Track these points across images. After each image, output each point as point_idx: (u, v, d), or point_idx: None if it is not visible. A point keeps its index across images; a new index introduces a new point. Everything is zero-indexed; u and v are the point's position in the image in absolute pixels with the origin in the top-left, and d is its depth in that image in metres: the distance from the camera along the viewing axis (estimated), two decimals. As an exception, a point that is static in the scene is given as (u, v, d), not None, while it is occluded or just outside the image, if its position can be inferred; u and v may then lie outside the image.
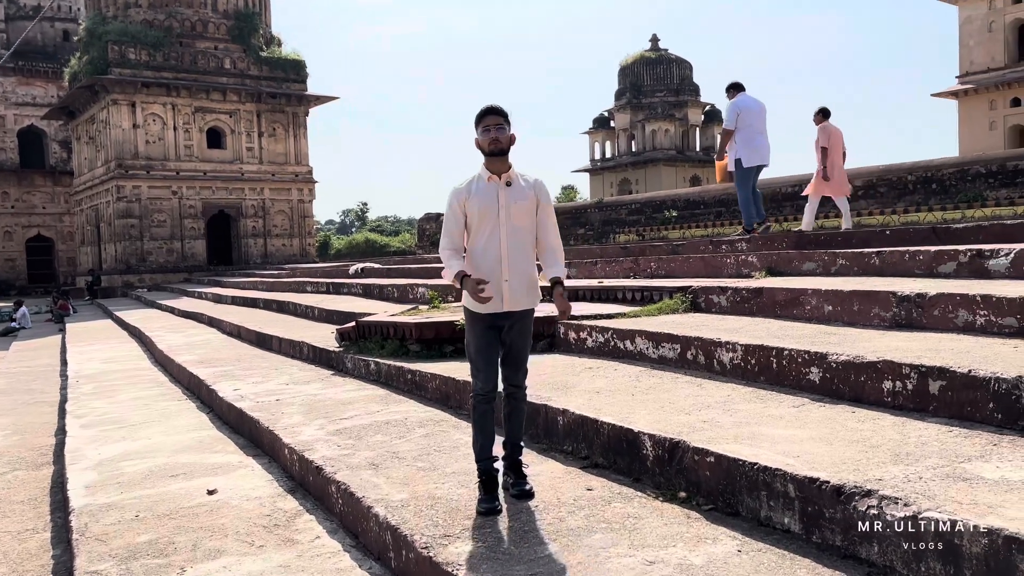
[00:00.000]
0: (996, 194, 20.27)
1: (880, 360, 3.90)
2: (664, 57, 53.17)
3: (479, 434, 3.63)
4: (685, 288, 6.94)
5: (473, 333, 3.69)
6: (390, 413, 5.59)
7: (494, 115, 3.59)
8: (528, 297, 3.67)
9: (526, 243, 3.65)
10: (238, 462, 5.34)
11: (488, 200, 3.59)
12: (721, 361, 4.89)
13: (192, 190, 31.57)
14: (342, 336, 8.09)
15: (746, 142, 9.48)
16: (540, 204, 3.67)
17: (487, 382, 3.64)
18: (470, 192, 3.62)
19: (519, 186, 3.63)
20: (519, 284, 3.61)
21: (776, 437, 3.47)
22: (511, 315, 3.63)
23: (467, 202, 3.61)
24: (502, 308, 3.60)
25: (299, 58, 33.98)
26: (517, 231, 3.61)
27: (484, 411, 3.64)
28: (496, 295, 3.56)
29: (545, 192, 3.71)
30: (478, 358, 3.66)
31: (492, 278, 3.55)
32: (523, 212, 3.61)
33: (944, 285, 5.26)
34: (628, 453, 3.79)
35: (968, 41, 35.73)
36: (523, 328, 3.70)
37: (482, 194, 3.60)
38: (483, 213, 3.58)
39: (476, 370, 3.69)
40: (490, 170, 3.62)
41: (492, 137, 3.56)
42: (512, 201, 3.59)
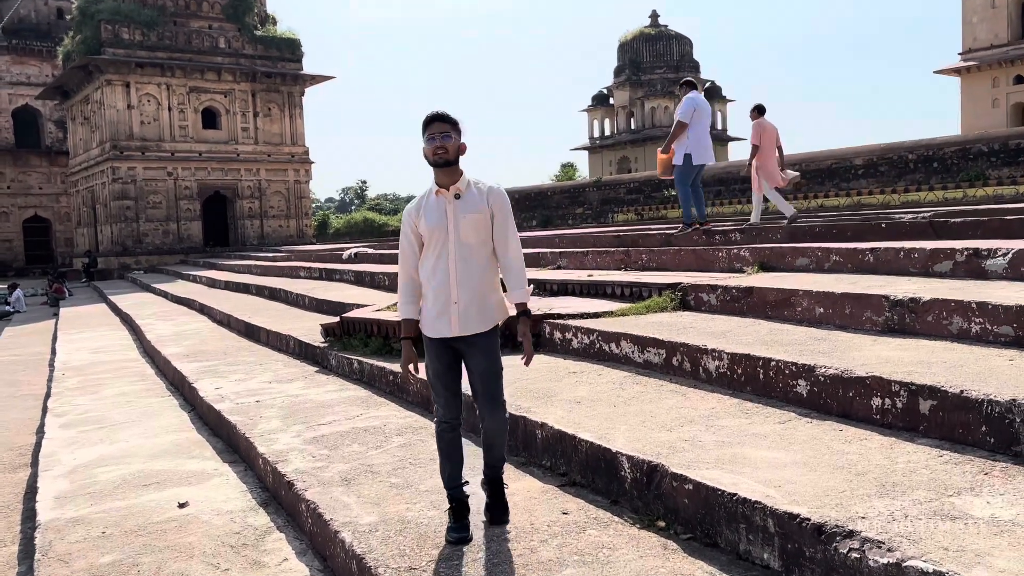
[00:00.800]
0: (998, 173, 20.05)
1: (869, 376, 3.75)
2: (664, 33, 52.63)
3: (446, 462, 3.43)
4: (675, 285, 6.78)
5: (429, 357, 3.44)
6: (369, 418, 5.46)
7: (440, 122, 3.29)
8: (482, 319, 3.36)
9: (479, 260, 3.36)
10: (213, 470, 5.21)
11: (437, 217, 3.33)
12: (707, 369, 4.74)
13: (188, 171, 31.32)
14: (327, 331, 7.95)
15: (698, 139, 9.53)
16: (495, 216, 3.36)
17: (448, 409, 3.43)
18: (419, 210, 3.38)
19: (470, 197, 3.35)
20: (471, 306, 3.33)
21: (759, 461, 3.33)
22: (466, 340, 3.36)
23: (418, 222, 3.37)
24: (450, 333, 3.34)
25: (294, 37, 33.58)
26: (467, 248, 3.33)
27: (449, 439, 3.42)
28: (444, 319, 3.34)
29: (501, 201, 3.38)
30: (436, 383, 3.44)
31: (439, 301, 3.34)
32: (472, 226, 3.32)
33: (939, 288, 5.11)
34: (606, 473, 3.66)
35: (971, 18, 35.30)
36: (485, 351, 3.39)
37: (431, 211, 3.34)
38: (432, 231, 3.32)
39: (436, 396, 3.49)
40: (438, 183, 3.36)
41: (437, 145, 3.28)
42: (461, 215, 3.31)
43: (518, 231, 3.49)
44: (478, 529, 3.37)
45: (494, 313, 3.42)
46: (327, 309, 10.81)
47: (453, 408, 3.44)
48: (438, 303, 3.34)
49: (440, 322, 3.35)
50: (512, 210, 3.45)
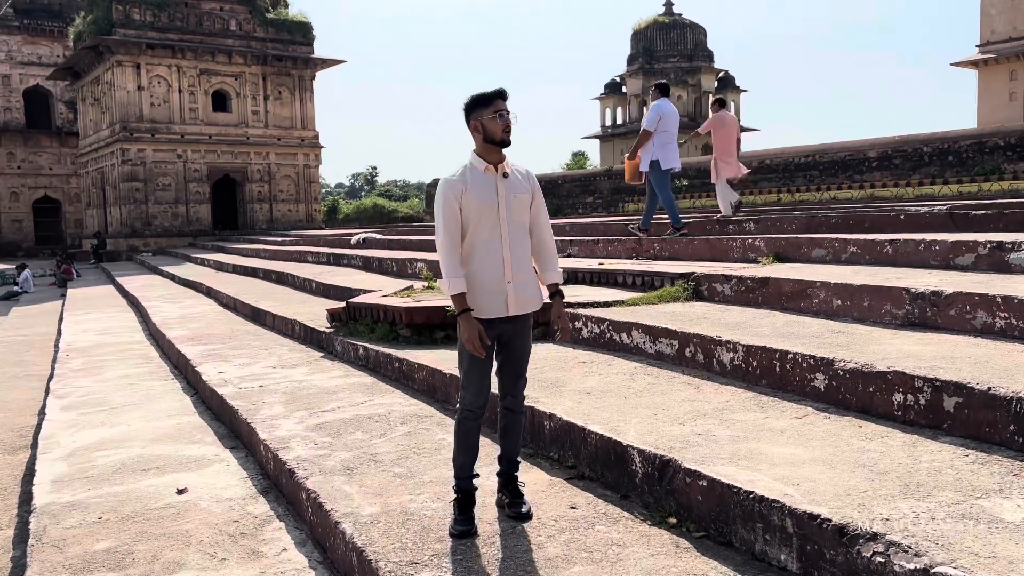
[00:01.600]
0: (1014, 167, 19.79)
1: (891, 370, 3.61)
2: (678, 22, 52.19)
3: (461, 452, 3.31)
4: (688, 274, 6.64)
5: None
6: (374, 405, 5.35)
7: (504, 99, 3.19)
8: (533, 299, 3.31)
9: (526, 240, 3.29)
10: (214, 455, 5.11)
11: (487, 193, 3.19)
12: (721, 361, 4.60)
13: (197, 154, 31.23)
14: (332, 317, 7.84)
15: (663, 145, 9.55)
16: (536, 198, 3.32)
17: (478, 396, 3.29)
18: (466, 184, 3.20)
19: (516, 177, 3.27)
20: (523, 285, 3.25)
21: (776, 457, 3.20)
22: (515, 319, 3.26)
23: (464, 195, 3.19)
24: (506, 312, 3.23)
25: (306, 20, 33.39)
26: (517, 227, 3.25)
27: (470, 428, 3.31)
28: (499, 299, 3.21)
29: (537, 184, 3.37)
30: (472, 370, 3.26)
31: (494, 280, 3.21)
32: (523, 206, 3.26)
33: (961, 281, 4.95)
34: (616, 467, 3.53)
35: (990, 9, 34.82)
36: (525, 333, 3.33)
37: (480, 186, 3.20)
38: (482, 208, 3.18)
39: (468, 382, 3.30)
40: (487, 160, 3.22)
41: (508, 123, 3.17)
42: (512, 194, 3.22)
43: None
44: (483, 523, 3.25)
45: (540, 292, 3.38)
46: (334, 294, 10.70)
47: (485, 394, 3.32)
48: (491, 282, 3.21)
49: (494, 302, 3.21)
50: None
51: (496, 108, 3.17)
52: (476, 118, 3.20)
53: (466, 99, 3.25)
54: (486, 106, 3.18)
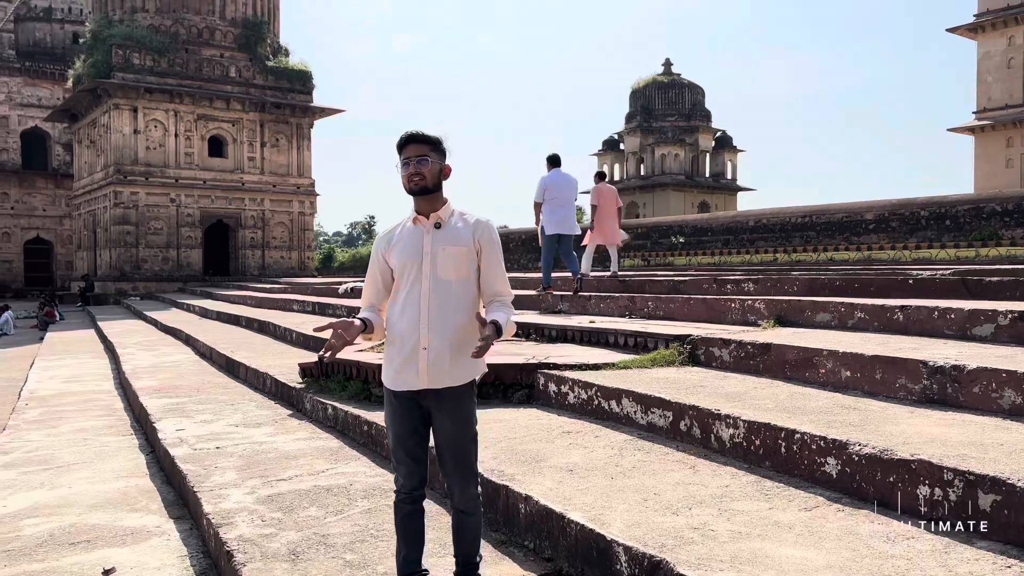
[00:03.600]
0: (1012, 233, 19.59)
1: (915, 459, 3.15)
2: (676, 81, 52.66)
3: (402, 542, 2.92)
4: (684, 336, 6.20)
5: (389, 416, 2.96)
6: (335, 475, 4.85)
7: (415, 144, 2.86)
8: (457, 370, 2.86)
9: (457, 301, 2.87)
10: (155, 527, 4.60)
11: (411, 247, 2.87)
12: (719, 437, 4.14)
13: (191, 198, 30.98)
14: (304, 372, 7.36)
15: (549, 213, 10.30)
16: (483, 251, 2.91)
17: (409, 478, 2.92)
18: (391, 239, 2.93)
19: (453, 228, 2.89)
20: (443, 353, 2.82)
21: (784, 561, 2.73)
22: (436, 394, 2.85)
23: (388, 253, 2.92)
24: (417, 385, 2.84)
25: (306, 69, 33.46)
26: (444, 285, 2.85)
27: (408, 513, 2.92)
28: (411, 368, 2.83)
29: (490, 234, 2.94)
30: (396, 448, 2.92)
31: (407, 345, 2.84)
32: (453, 260, 2.85)
33: (983, 354, 4.52)
34: (599, 564, 3.05)
35: (986, 77, 35.11)
36: (456, 411, 2.88)
37: (405, 240, 2.89)
38: (404, 263, 2.87)
39: (396, 462, 2.95)
40: (416, 211, 2.91)
41: (412, 172, 2.85)
42: (439, 246, 2.85)
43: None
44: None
45: (471, 366, 2.90)
46: (314, 345, 10.22)
47: (415, 477, 2.92)
48: (405, 348, 2.84)
49: (406, 371, 2.84)
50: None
51: (403, 157, 2.89)
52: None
53: None
54: (398, 155, 2.91)
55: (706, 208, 49.14)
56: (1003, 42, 34.35)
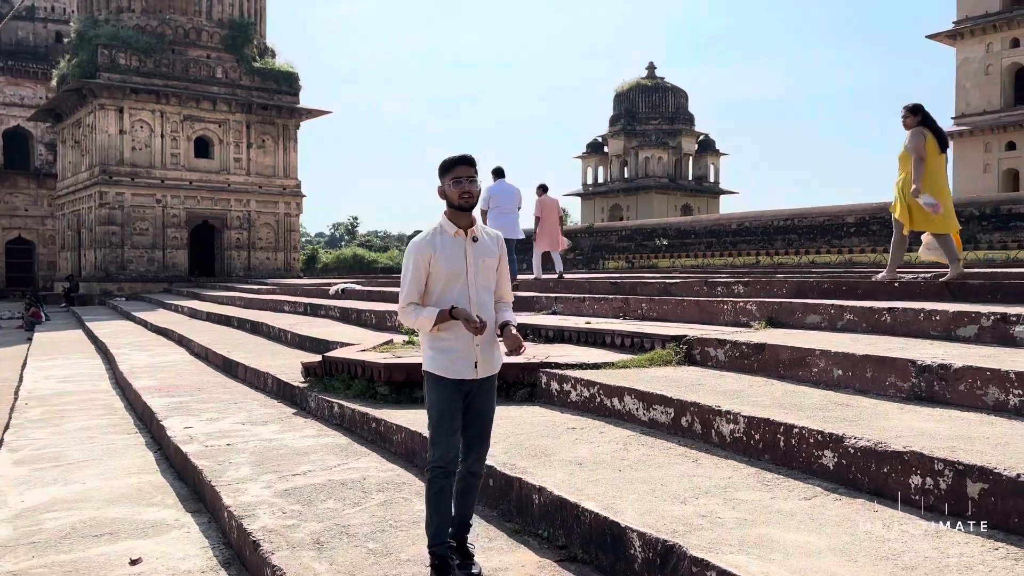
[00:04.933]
0: (989, 237, 20.00)
1: (907, 451, 3.37)
2: (660, 85, 53.10)
3: (435, 515, 3.27)
4: (679, 337, 6.41)
5: (439, 398, 3.33)
6: (348, 470, 5.02)
7: (466, 165, 3.28)
8: (498, 360, 3.46)
9: (491, 302, 3.41)
10: (174, 520, 4.75)
11: (456, 258, 3.30)
12: (720, 432, 4.35)
13: (177, 199, 30.92)
14: (307, 371, 7.51)
15: (494, 220, 11.21)
16: (501, 260, 3.45)
17: (449, 450, 3.29)
18: (435, 248, 3.30)
19: (484, 241, 3.38)
20: (489, 347, 3.38)
21: (788, 545, 2.93)
22: (482, 381, 3.38)
23: (433, 259, 3.29)
24: (475, 375, 3.33)
25: (292, 70, 33.48)
26: (484, 291, 3.36)
27: (442, 487, 3.27)
28: (467, 361, 3.31)
29: (505, 246, 3.51)
30: (442, 425, 3.30)
31: (465, 343, 3.29)
32: (490, 270, 3.38)
33: (967, 354, 4.76)
34: (613, 550, 3.24)
35: (965, 83, 35.69)
36: (490, 392, 3.43)
37: (449, 251, 3.30)
38: (452, 273, 3.29)
39: (437, 438, 3.31)
40: (456, 224, 3.33)
41: (465, 190, 3.26)
42: (480, 258, 3.34)
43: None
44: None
45: (500, 356, 3.48)
46: (310, 346, 10.37)
47: (454, 450, 3.31)
48: (459, 344, 3.30)
49: (461, 363, 3.31)
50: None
51: (454, 175, 3.27)
52: (441, 183, 3.32)
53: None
54: (447, 172, 3.30)
55: (689, 211, 49.57)
56: (981, 49, 34.95)
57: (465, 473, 3.38)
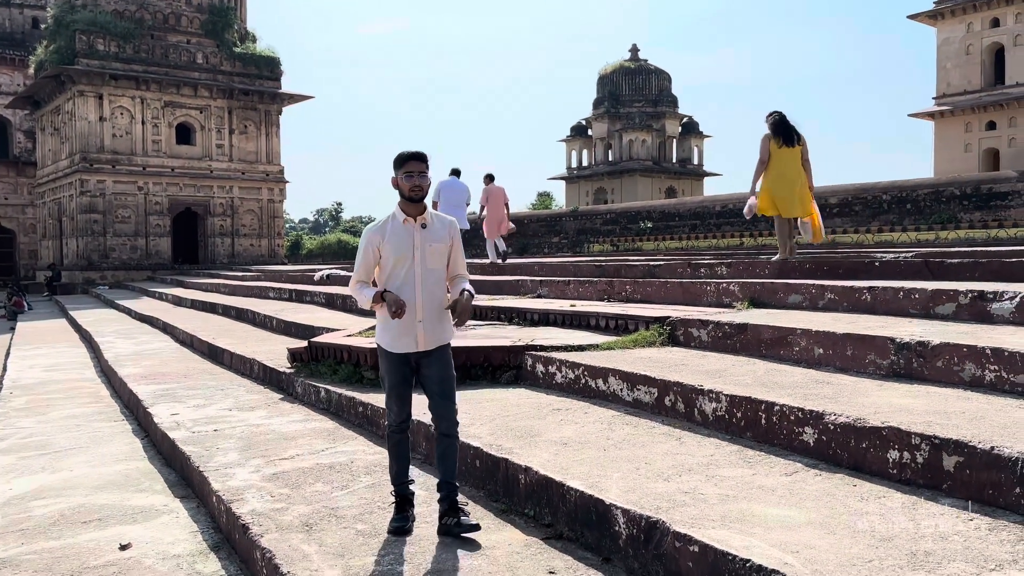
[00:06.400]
0: (970, 216, 20.19)
1: (885, 426, 3.44)
2: (643, 67, 52.99)
3: (395, 461, 3.76)
4: (663, 319, 6.47)
5: (387, 370, 3.75)
6: (336, 453, 5.06)
7: (417, 161, 3.62)
8: (442, 334, 3.73)
9: (439, 283, 3.72)
10: (163, 505, 4.77)
11: (403, 242, 3.63)
12: (703, 411, 4.41)
13: (159, 186, 30.70)
14: (294, 356, 7.53)
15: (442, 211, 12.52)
16: (454, 244, 3.74)
17: (399, 415, 3.74)
18: (384, 234, 3.65)
19: (434, 227, 3.69)
20: (432, 324, 3.68)
21: (769, 519, 3.00)
22: (428, 353, 3.70)
23: (382, 244, 3.64)
24: (416, 348, 3.67)
25: (274, 55, 33.21)
26: (431, 273, 3.67)
27: (398, 441, 3.76)
28: (410, 336, 3.65)
29: (457, 231, 3.79)
30: (391, 394, 3.74)
31: (407, 320, 3.61)
32: (437, 254, 3.68)
33: (946, 331, 4.84)
34: (598, 527, 3.30)
35: (945, 63, 35.85)
36: (442, 361, 3.73)
37: (397, 236, 3.64)
38: (398, 255, 3.63)
39: (389, 404, 3.78)
40: (406, 212, 3.66)
41: (415, 184, 3.61)
42: (427, 243, 3.65)
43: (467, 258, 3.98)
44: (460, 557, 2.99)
45: (449, 330, 3.78)
46: (295, 332, 10.38)
47: (404, 412, 3.75)
48: (404, 322, 3.62)
49: (405, 339, 3.66)
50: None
51: (406, 169, 3.61)
52: (394, 175, 3.66)
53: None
54: (400, 166, 3.63)
55: (673, 193, 49.64)
56: (962, 28, 35.09)
57: (440, 436, 3.71)
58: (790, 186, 8.49)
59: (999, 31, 33.93)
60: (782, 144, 8.41)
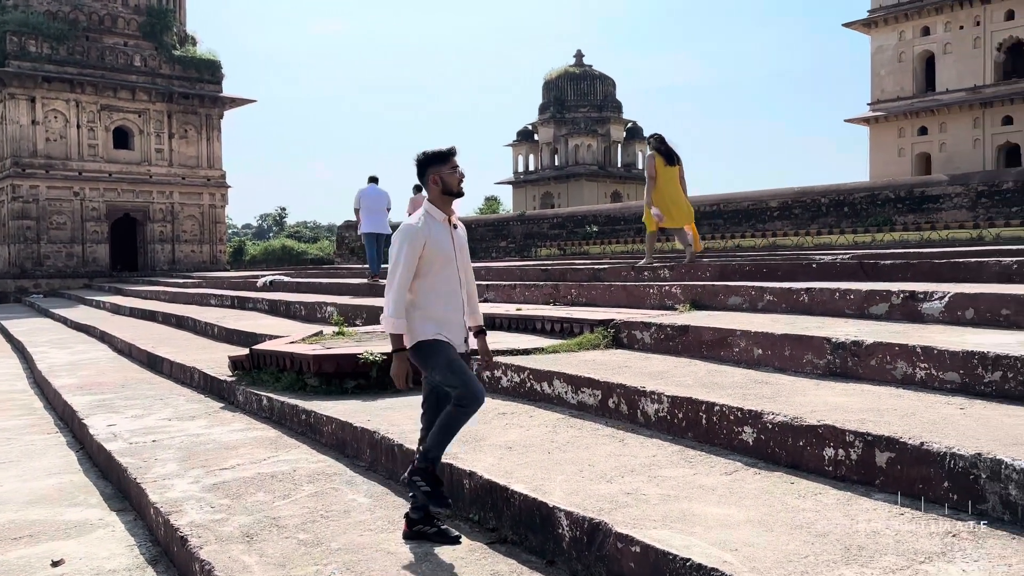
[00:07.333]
0: (904, 219, 20.76)
1: (821, 424, 3.52)
2: (588, 73, 53.43)
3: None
4: (607, 321, 6.53)
5: (447, 356, 3.52)
6: (278, 462, 4.98)
7: (456, 156, 3.56)
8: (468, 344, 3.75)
9: (471, 284, 3.73)
10: (98, 520, 4.64)
11: (445, 242, 3.53)
12: (645, 412, 4.46)
13: (96, 192, 29.89)
14: (235, 364, 7.40)
15: (365, 218, 13.81)
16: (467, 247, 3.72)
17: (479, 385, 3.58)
18: (429, 233, 3.49)
19: (461, 229, 3.67)
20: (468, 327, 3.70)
21: (709, 518, 3.04)
22: (465, 356, 3.65)
23: (427, 243, 3.46)
24: (466, 349, 3.65)
25: (214, 58, 32.64)
26: (467, 275, 3.67)
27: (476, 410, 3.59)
28: (459, 337, 3.59)
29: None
30: (465, 370, 3.53)
31: (455, 321, 3.56)
32: (468, 256, 3.68)
33: (879, 331, 4.97)
34: (542, 530, 3.31)
35: (880, 70, 36.85)
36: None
37: (439, 235, 3.52)
38: (443, 256, 3.51)
39: (467, 379, 3.50)
40: (444, 211, 3.57)
41: (462, 176, 3.55)
42: (461, 244, 3.62)
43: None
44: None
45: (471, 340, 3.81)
46: (237, 339, 10.20)
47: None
48: (454, 321, 3.57)
49: (458, 337, 3.60)
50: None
51: (452, 164, 3.53)
52: (435, 172, 3.53)
53: (420, 155, 3.56)
54: (444, 162, 3.53)
55: (619, 198, 50.13)
56: (895, 37, 36.12)
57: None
58: (674, 201, 9.50)
59: (929, 39, 35.02)
60: (665, 163, 9.43)
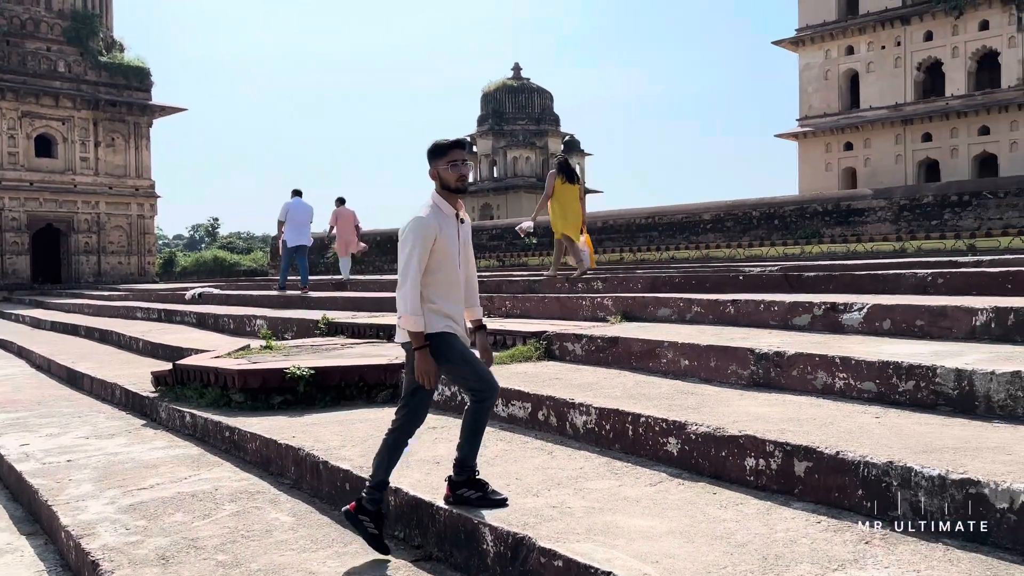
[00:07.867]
0: (832, 231, 21.34)
1: (743, 435, 3.57)
2: (526, 86, 53.78)
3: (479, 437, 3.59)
4: (539, 333, 6.53)
5: (460, 348, 3.49)
6: (199, 481, 4.84)
7: (460, 149, 3.44)
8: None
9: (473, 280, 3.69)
10: (6, 544, 4.44)
11: (453, 235, 3.46)
12: (574, 424, 4.46)
13: (16, 201, 28.82)
14: (158, 380, 7.18)
15: (289, 230, 14.08)
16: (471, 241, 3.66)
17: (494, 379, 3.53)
18: (440, 226, 3.40)
19: (467, 224, 3.58)
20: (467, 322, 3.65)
21: (632, 530, 3.05)
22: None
23: (438, 236, 3.38)
24: (468, 343, 3.60)
25: (143, 65, 31.85)
26: (471, 270, 3.62)
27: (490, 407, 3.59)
28: (463, 331, 3.54)
29: None
30: (476, 364, 3.50)
31: (459, 315, 3.51)
32: (471, 249, 3.62)
33: (801, 341, 5.08)
34: (467, 546, 3.27)
35: (807, 87, 37.94)
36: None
37: (449, 228, 3.44)
38: (452, 249, 3.45)
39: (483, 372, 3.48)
40: (452, 204, 3.47)
41: (461, 173, 3.43)
42: (466, 239, 3.56)
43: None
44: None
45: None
46: (163, 354, 9.91)
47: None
48: (457, 315, 3.52)
49: (462, 331, 3.55)
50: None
51: (451, 158, 3.41)
52: (434, 166, 3.45)
53: (429, 146, 3.49)
54: (442, 155, 3.42)
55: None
56: (821, 55, 37.25)
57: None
58: (569, 213, 10.10)
59: (854, 58, 36.20)
60: (565, 181, 10.10)
